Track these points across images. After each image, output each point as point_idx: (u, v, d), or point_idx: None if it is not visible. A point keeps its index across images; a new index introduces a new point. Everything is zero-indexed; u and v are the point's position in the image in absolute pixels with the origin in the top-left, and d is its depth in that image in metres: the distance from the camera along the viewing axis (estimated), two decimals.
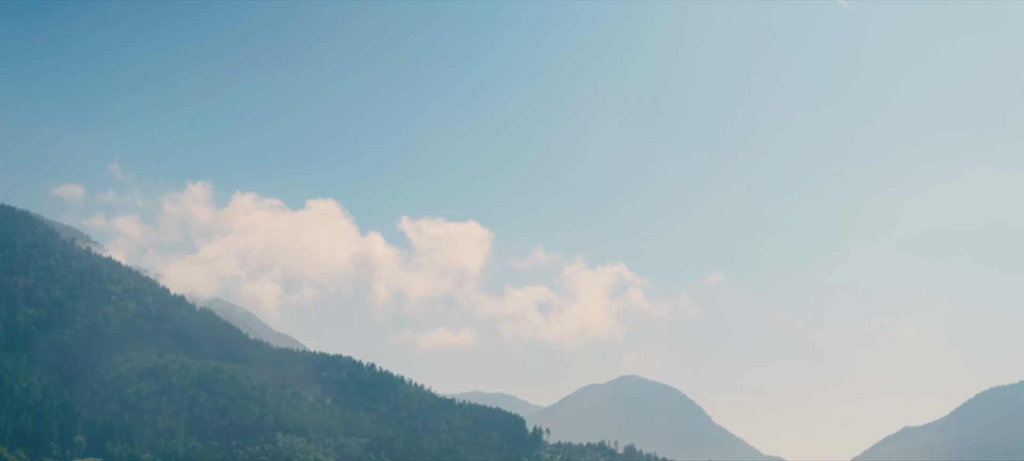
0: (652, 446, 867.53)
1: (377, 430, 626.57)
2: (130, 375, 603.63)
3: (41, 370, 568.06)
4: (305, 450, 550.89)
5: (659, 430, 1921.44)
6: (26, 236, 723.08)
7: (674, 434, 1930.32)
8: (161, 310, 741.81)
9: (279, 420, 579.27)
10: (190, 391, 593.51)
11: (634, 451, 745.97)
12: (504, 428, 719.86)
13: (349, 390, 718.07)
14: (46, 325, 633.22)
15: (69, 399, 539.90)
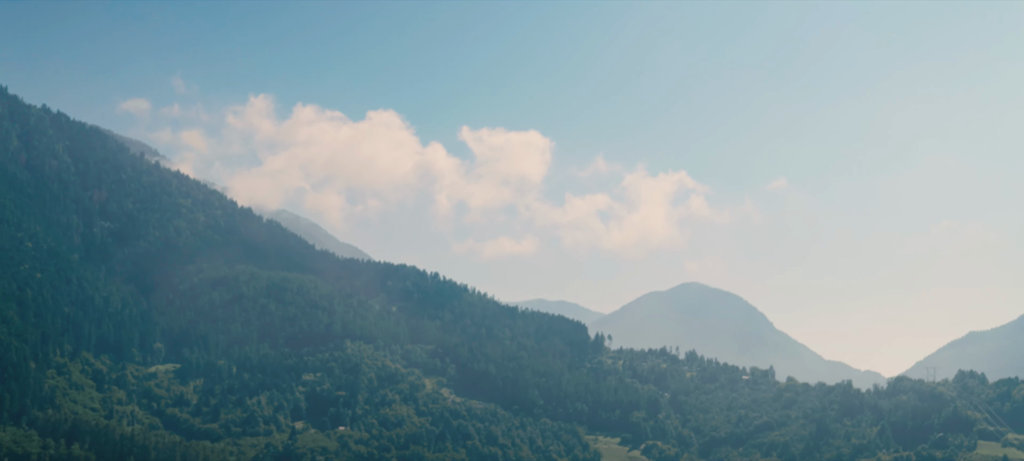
0: (713, 352, 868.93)
1: (442, 337, 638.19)
2: (203, 285, 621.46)
3: (119, 281, 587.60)
4: (373, 357, 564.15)
5: (720, 336, 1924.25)
6: (98, 151, 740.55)
7: (735, 340, 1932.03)
8: (229, 222, 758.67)
9: (347, 328, 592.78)
10: (260, 300, 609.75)
11: (695, 357, 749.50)
12: (567, 335, 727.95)
13: (413, 299, 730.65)
14: (121, 237, 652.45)
15: (147, 308, 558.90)
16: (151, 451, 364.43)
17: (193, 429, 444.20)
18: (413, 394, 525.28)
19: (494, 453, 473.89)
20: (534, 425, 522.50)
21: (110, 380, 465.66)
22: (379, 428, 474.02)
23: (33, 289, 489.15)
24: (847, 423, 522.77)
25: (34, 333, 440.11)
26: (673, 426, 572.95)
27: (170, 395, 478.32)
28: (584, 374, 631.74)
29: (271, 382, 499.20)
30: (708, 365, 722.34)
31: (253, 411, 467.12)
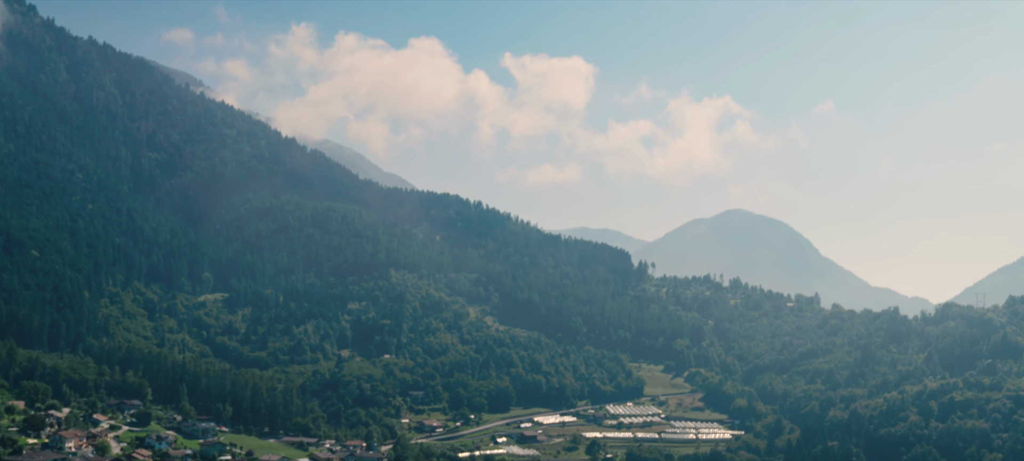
0: (758, 279, 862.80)
1: (485, 266, 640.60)
2: (249, 215, 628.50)
3: (167, 211, 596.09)
4: (417, 285, 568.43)
5: (765, 263, 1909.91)
6: (143, 83, 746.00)
7: (780, 267, 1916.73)
8: (274, 152, 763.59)
9: (391, 257, 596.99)
10: (306, 230, 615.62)
11: (739, 284, 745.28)
12: (610, 262, 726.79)
13: (457, 227, 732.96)
14: (168, 168, 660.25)
15: (195, 238, 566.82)
16: (202, 378, 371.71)
17: (242, 357, 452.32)
18: (457, 322, 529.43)
19: (538, 381, 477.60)
20: (577, 353, 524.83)
21: (161, 309, 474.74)
22: (424, 356, 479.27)
23: (85, 220, 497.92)
24: (893, 350, 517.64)
25: (87, 263, 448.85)
26: (717, 354, 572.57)
27: (219, 324, 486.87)
28: (627, 302, 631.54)
29: (317, 311, 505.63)
30: (752, 292, 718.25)
31: (300, 339, 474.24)
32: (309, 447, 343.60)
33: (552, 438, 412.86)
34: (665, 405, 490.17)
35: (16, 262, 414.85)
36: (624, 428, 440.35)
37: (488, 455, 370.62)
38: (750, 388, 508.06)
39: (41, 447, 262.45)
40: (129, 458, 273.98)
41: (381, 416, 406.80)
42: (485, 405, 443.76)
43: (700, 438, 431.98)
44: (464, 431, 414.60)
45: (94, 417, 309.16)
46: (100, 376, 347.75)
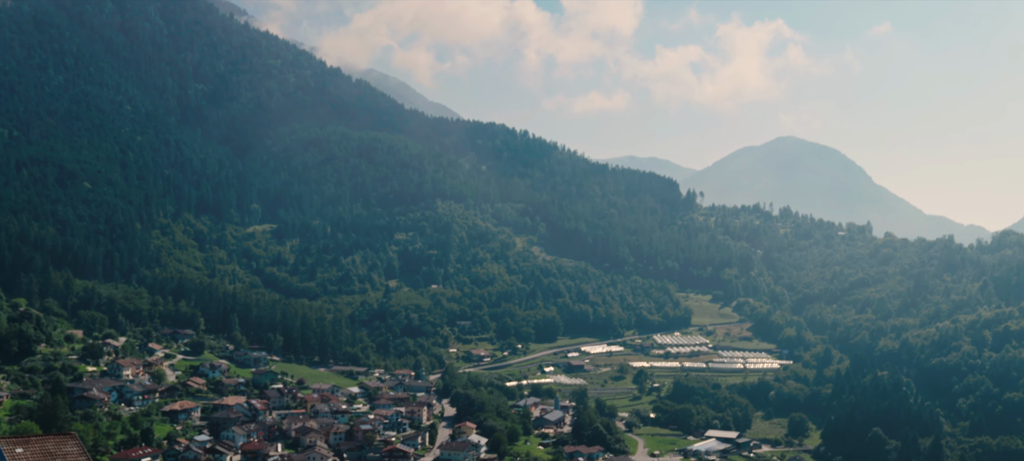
0: (808, 207, 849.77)
1: (532, 195, 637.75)
2: (295, 146, 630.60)
3: (214, 143, 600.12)
4: (463, 216, 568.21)
5: (816, 191, 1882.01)
6: (188, 13, 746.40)
7: (832, 195, 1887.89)
8: (319, 82, 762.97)
9: (437, 187, 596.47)
10: (352, 160, 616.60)
11: (789, 213, 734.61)
12: (658, 192, 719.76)
13: (503, 157, 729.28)
14: (215, 99, 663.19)
15: (242, 169, 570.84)
16: (252, 308, 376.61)
17: (291, 287, 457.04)
18: (504, 252, 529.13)
19: (584, 311, 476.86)
20: (624, 283, 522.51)
21: (211, 240, 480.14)
22: (471, 286, 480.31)
23: (134, 152, 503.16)
24: (947, 279, 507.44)
25: (138, 195, 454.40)
26: (765, 283, 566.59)
27: (268, 255, 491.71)
28: (675, 231, 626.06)
29: (364, 242, 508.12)
30: (802, 221, 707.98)
31: (348, 270, 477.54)
32: (359, 376, 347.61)
33: (599, 368, 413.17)
34: (713, 335, 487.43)
35: (69, 194, 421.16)
36: (671, 358, 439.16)
37: (535, 384, 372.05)
38: (799, 318, 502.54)
39: (100, 375, 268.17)
40: (184, 386, 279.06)
41: (429, 346, 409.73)
42: (532, 335, 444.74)
43: (748, 368, 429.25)
44: (511, 361, 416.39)
45: (149, 346, 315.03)
46: (154, 306, 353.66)
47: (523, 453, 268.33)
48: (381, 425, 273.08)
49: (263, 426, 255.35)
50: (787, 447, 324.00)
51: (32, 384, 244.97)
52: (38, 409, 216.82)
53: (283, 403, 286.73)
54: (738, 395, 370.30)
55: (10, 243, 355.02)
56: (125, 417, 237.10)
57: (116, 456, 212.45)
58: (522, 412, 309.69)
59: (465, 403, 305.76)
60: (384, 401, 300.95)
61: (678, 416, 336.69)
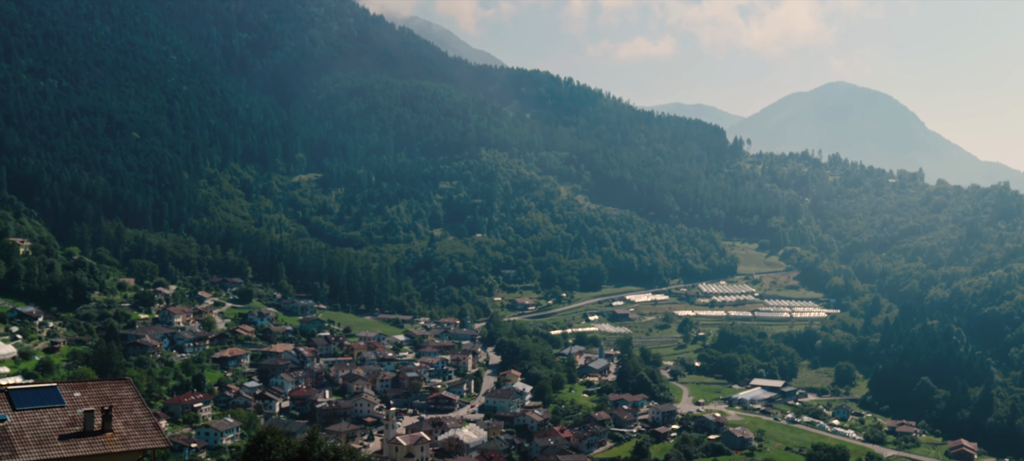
0: (858, 154, 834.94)
1: (576, 144, 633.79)
2: (339, 95, 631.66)
3: (258, 92, 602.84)
4: (507, 164, 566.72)
5: (867, 138, 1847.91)
6: None
7: (883, 142, 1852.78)
8: (362, 30, 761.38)
9: (481, 135, 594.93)
10: (396, 109, 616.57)
11: (838, 160, 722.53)
12: (704, 139, 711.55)
13: (547, 105, 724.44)
14: (259, 48, 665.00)
15: (287, 119, 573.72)
16: (299, 257, 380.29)
17: (337, 236, 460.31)
18: (548, 201, 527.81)
19: (629, 260, 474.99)
20: (670, 231, 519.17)
21: (257, 189, 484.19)
22: (515, 235, 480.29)
23: (181, 102, 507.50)
24: (1001, 227, 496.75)
25: (185, 145, 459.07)
26: (813, 231, 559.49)
27: (313, 204, 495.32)
28: (721, 179, 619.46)
29: (409, 190, 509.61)
30: (852, 168, 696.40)
31: (393, 219, 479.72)
32: (404, 324, 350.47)
33: (644, 316, 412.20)
34: (759, 284, 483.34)
35: (119, 144, 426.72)
36: (717, 306, 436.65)
37: (580, 333, 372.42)
38: (847, 266, 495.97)
39: (152, 322, 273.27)
40: (233, 334, 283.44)
41: (474, 294, 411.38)
42: (577, 283, 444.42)
43: (794, 316, 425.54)
44: (556, 309, 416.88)
45: (199, 294, 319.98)
46: (203, 255, 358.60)
47: (568, 401, 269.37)
48: (427, 373, 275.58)
49: (311, 373, 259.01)
50: (833, 396, 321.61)
51: (87, 331, 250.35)
52: (94, 355, 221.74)
53: (330, 351, 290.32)
54: (784, 344, 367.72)
55: (62, 193, 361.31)
56: (177, 363, 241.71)
57: (169, 401, 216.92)
58: (567, 360, 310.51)
59: (510, 351, 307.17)
60: (429, 349, 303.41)
61: (723, 365, 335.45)
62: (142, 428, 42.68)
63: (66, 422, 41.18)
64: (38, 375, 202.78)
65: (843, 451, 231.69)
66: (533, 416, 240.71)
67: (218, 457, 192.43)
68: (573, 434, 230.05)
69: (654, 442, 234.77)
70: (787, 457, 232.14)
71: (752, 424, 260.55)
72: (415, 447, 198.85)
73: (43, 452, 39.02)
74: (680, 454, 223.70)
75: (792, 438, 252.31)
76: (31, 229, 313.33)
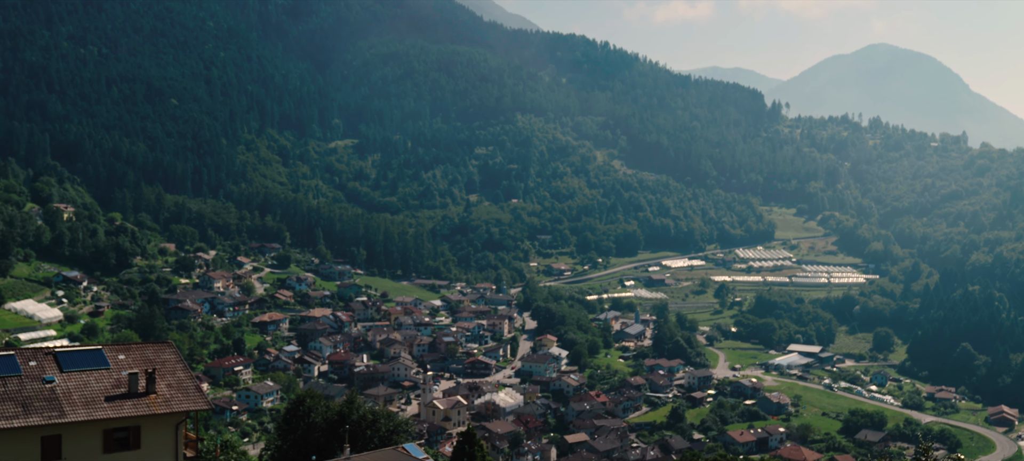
0: (900, 118, 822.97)
1: (612, 109, 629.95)
2: (375, 60, 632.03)
3: (294, 58, 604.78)
4: (543, 129, 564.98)
5: (908, 101, 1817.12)
6: None
7: (925, 105, 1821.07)
8: None
9: (517, 101, 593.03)
10: (431, 75, 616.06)
11: (879, 124, 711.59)
12: (742, 103, 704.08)
13: (583, 69, 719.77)
14: (295, 14, 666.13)
15: (323, 85, 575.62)
16: (336, 222, 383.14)
17: (373, 202, 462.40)
18: (584, 166, 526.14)
19: (665, 225, 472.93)
20: (707, 196, 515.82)
21: (294, 156, 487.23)
22: (551, 200, 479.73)
23: (218, 68, 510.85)
24: None
25: (223, 111, 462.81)
26: (852, 196, 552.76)
27: (350, 170, 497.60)
28: (759, 144, 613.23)
29: (445, 156, 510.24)
30: (893, 132, 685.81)
31: (429, 185, 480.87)
32: (441, 289, 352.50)
33: (680, 281, 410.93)
34: (796, 249, 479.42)
35: (158, 111, 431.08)
36: (753, 272, 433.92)
37: (616, 298, 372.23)
38: (887, 232, 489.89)
39: (192, 287, 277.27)
40: (272, 298, 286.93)
41: (509, 259, 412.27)
42: (612, 249, 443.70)
43: (832, 282, 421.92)
44: (592, 274, 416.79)
45: (238, 259, 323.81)
46: (241, 220, 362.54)
47: (603, 366, 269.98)
48: (463, 337, 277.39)
49: (349, 337, 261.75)
50: (871, 362, 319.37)
51: (130, 295, 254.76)
52: (137, 319, 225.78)
53: (367, 315, 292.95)
54: (822, 310, 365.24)
55: (104, 159, 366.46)
56: (217, 327, 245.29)
57: (210, 364, 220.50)
58: (602, 325, 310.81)
59: (546, 316, 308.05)
60: (466, 314, 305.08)
61: (760, 330, 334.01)
62: (185, 390, 43.54)
63: (112, 384, 42.12)
64: (84, 338, 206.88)
65: (881, 416, 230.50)
66: (569, 381, 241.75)
67: (258, 419, 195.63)
68: (609, 399, 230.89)
69: (690, 407, 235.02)
70: (824, 422, 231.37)
71: (789, 389, 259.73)
72: (452, 411, 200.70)
73: (90, 412, 39.96)
74: (716, 419, 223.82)
75: (829, 403, 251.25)
76: (74, 195, 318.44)
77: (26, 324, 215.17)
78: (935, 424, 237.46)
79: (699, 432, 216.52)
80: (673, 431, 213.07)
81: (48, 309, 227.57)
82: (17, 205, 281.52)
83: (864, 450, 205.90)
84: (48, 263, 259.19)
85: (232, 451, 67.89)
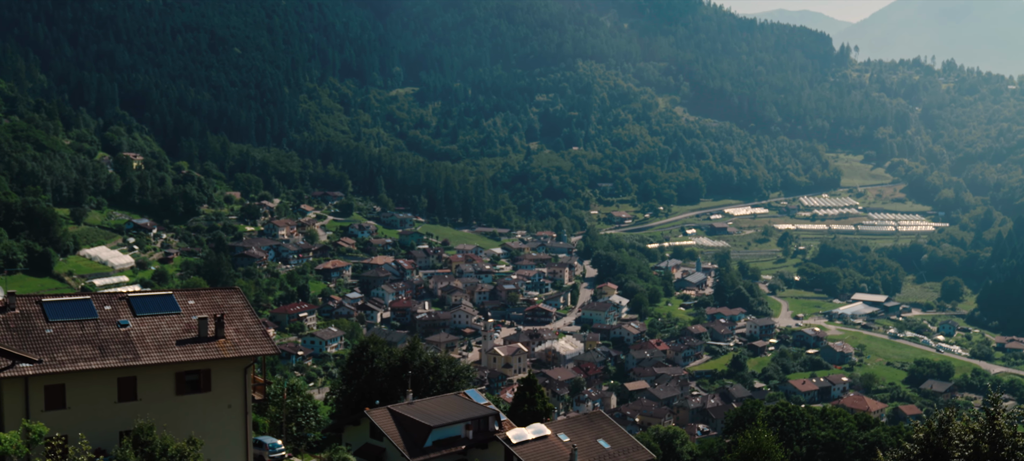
0: (976, 60, 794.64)
1: (675, 54, 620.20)
2: (435, 7, 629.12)
3: (354, 5, 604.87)
4: (604, 76, 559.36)
5: (985, 42, 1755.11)
6: None
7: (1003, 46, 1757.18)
8: None
9: (578, 47, 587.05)
10: (491, 21, 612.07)
11: (953, 66, 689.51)
12: (808, 47, 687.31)
13: (645, 13, 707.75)
14: None
15: (384, 32, 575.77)
16: (397, 171, 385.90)
17: (433, 150, 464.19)
18: (646, 113, 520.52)
19: (728, 172, 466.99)
20: (771, 143, 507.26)
21: (355, 104, 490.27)
22: (612, 148, 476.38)
23: (280, 16, 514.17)
24: None
25: (285, 59, 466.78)
26: (922, 142, 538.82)
27: (411, 117, 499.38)
28: (826, 89, 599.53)
29: (505, 103, 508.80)
30: (967, 75, 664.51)
31: (489, 132, 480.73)
32: (501, 237, 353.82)
33: (742, 230, 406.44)
34: (863, 196, 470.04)
35: (222, 60, 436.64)
36: (818, 220, 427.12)
37: (677, 246, 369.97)
38: (958, 178, 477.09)
39: (257, 234, 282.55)
40: (335, 246, 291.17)
41: (570, 208, 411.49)
42: (674, 197, 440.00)
43: (900, 230, 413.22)
44: (652, 222, 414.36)
45: (301, 207, 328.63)
46: (304, 169, 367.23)
47: (664, 314, 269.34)
48: (524, 285, 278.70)
49: (410, 285, 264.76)
50: (939, 311, 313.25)
51: (198, 242, 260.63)
52: (204, 265, 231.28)
53: (429, 263, 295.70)
54: (888, 258, 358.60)
55: (171, 108, 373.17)
56: (282, 274, 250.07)
57: (276, 311, 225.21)
58: (663, 274, 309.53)
59: (606, 264, 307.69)
60: (526, 262, 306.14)
61: (824, 279, 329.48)
62: (252, 335, 44.49)
63: (182, 328, 43.23)
64: (154, 284, 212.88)
65: (948, 367, 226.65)
66: (629, 329, 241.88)
67: (323, 364, 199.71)
68: (669, 347, 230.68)
69: (751, 356, 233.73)
70: (888, 372, 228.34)
71: (852, 339, 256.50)
72: (512, 358, 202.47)
73: (163, 355, 41.12)
74: (777, 368, 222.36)
75: (894, 353, 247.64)
76: (143, 144, 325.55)
77: (100, 270, 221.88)
78: (1005, 375, 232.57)
79: (760, 381, 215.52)
80: (734, 380, 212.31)
81: (120, 256, 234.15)
82: (89, 154, 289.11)
83: (930, 400, 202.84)
84: (119, 211, 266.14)
85: (298, 395, 69.41)
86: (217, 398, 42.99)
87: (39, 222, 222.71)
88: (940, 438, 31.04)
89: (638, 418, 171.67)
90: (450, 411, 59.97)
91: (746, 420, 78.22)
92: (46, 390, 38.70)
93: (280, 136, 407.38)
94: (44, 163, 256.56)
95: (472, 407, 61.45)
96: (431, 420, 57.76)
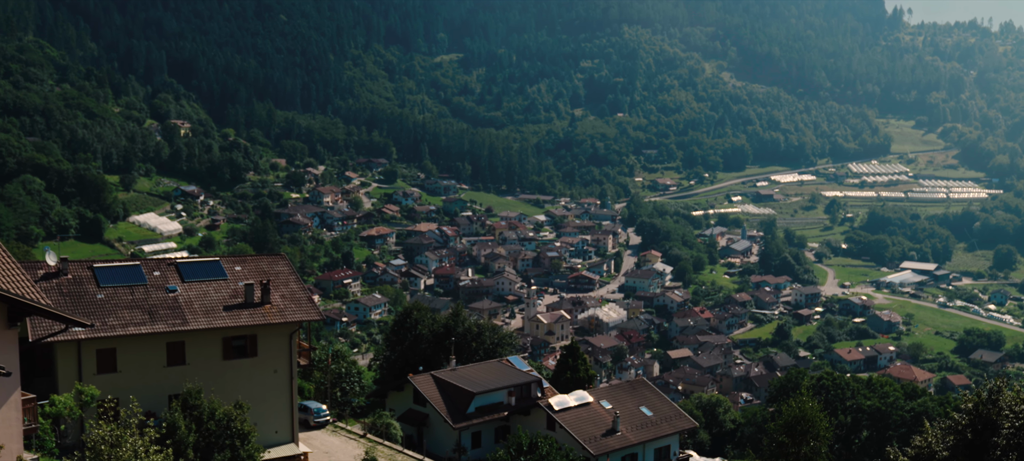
0: None
1: (722, 18, 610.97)
2: None
3: None
4: (650, 41, 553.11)
5: None
6: None
7: None
8: None
9: (624, 11, 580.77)
10: None
11: (1011, 28, 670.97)
12: (859, 10, 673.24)
13: None
14: None
15: None
16: (441, 137, 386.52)
17: (478, 116, 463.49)
18: (692, 79, 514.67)
19: (775, 139, 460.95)
20: (820, 109, 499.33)
21: (400, 71, 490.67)
22: (657, 114, 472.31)
23: None
24: None
25: (330, 26, 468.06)
26: (977, 107, 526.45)
27: (455, 84, 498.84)
28: (877, 53, 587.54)
29: (549, 70, 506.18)
30: None
31: (533, 99, 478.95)
32: (545, 204, 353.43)
33: (789, 197, 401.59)
34: (914, 163, 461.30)
35: (267, 27, 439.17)
36: (866, 187, 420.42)
37: (722, 213, 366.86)
38: (1014, 144, 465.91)
39: (302, 201, 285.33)
40: (379, 213, 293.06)
41: (614, 175, 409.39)
42: (720, 163, 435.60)
43: (951, 197, 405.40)
44: (698, 190, 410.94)
45: (346, 174, 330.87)
46: (349, 136, 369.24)
47: (708, 282, 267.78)
48: (567, 252, 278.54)
49: (454, 252, 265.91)
50: (991, 280, 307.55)
51: (244, 209, 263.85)
52: (251, 232, 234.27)
53: (472, 230, 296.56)
54: (938, 226, 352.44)
55: (217, 76, 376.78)
56: (327, 241, 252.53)
57: (321, 277, 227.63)
58: (708, 241, 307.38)
59: (650, 232, 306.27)
60: (570, 229, 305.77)
61: (872, 247, 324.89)
62: (298, 301, 44.96)
63: (229, 294, 43.80)
64: (202, 250, 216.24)
65: (999, 336, 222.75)
66: (673, 296, 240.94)
67: (367, 331, 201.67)
68: (713, 315, 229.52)
69: (796, 324, 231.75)
70: (937, 342, 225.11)
71: (900, 308, 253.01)
72: (555, 325, 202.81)
73: (210, 321, 41.74)
74: (823, 336, 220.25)
75: (943, 322, 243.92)
76: (190, 111, 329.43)
77: (148, 236, 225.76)
78: None
79: (805, 349, 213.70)
80: (778, 348, 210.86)
81: (168, 222, 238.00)
82: (138, 121, 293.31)
83: (979, 370, 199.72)
84: (167, 178, 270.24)
85: (342, 360, 70.10)
86: (263, 363, 43.61)
87: (90, 189, 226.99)
88: (989, 408, 30.62)
89: (681, 386, 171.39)
90: (493, 377, 60.27)
91: (790, 389, 77.60)
92: (98, 354, 39.55)
93: (325, 103, 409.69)
94: (94, 130, 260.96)
95: (515, 374, 61.71)
96: (474, 386, 58.11)
